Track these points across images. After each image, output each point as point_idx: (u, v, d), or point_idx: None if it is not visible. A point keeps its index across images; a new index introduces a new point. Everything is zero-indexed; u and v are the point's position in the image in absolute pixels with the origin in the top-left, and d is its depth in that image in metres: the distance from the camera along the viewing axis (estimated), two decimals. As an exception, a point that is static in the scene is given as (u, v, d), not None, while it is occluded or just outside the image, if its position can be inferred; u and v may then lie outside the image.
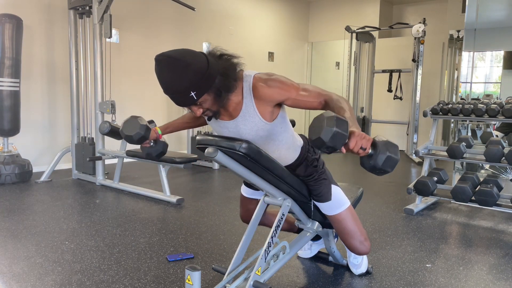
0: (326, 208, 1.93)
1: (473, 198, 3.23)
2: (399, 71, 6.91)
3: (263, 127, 1.62)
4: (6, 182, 4.20)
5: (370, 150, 1.30)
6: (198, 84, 1.42)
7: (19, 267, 2.25)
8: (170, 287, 2.04)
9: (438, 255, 2.53)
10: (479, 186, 3.28)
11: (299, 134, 1.90)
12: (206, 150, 1.54)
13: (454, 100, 6.39)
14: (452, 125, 6.10)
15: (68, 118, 4.88)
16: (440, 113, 3.74)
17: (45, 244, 2.60)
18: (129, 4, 5.58)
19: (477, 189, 3.26)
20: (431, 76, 7.11)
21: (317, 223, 2.07)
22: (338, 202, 1.93)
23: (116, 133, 4.15)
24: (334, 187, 1.93)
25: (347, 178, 5.03)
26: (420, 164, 5.74)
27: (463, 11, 5.47)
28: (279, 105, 1.62)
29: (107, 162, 4.72)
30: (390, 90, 6.96)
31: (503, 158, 3.17)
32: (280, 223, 1.81)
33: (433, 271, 2.28)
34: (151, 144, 1.89)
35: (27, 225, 2.97)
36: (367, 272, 2.21)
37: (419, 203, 3.56)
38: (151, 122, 4.38)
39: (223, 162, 1.56)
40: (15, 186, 4.16)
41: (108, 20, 4.01)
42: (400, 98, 6.93)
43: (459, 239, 2.91)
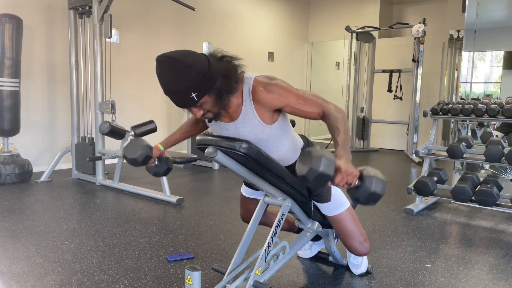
0: (326, 208, 1.93)
1: (473, 198, 3.23)
2: (399, 71, 6.91)
3: (263, 130, 1.62)
4: (6, 182, 4.20)
5: (357, 182, 1.39)
6: (199, 85, 1.41)
7: (19, 267, 2.25)
8: (170, 287, 2.04)
9: (438, 255, 2.53)
10: (479, 186, 3.28)
11: (299, 135, 1.90)
12: (206, 150, 1.54)
13: (454, 100, 6.39)
14: (452, 125, 6.10)
15: (68, 118, 4.88)
16: (440, 113, 3.74)
17: (45, 244, 2.60)
18: (129, 4, 5.58)
19: (477, 189, 3.26)
20: (431, 76, 7.11)
21: (317, 223, 2.07)
22: (338, 202, 1.93)
23: (116, 133, 4.17)
24: (334, 188, 1.93)
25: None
26: (420, 164, 5.74)
27: (463, 11, 5.47)
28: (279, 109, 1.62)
29: (107, 162, 4.73)
30: (390, 90, 6.96)
31: (503, 158, 3.17)
32: (280, 223, 1.81)
33: (433, 271, 2.28)
34: (156, 162, 1.86)
35: (27, 225, 2.97)
36: (367, 272, 2.21)
37: (419, 203, 3.56)
38: (151, 122, 4.39)
39: (223, 162, 1.56)
40: (15, 186, 4.16)
41: (108, 20, 4.01)
42: (400, 98, 6.93)
43: (459, 239, 2.91)
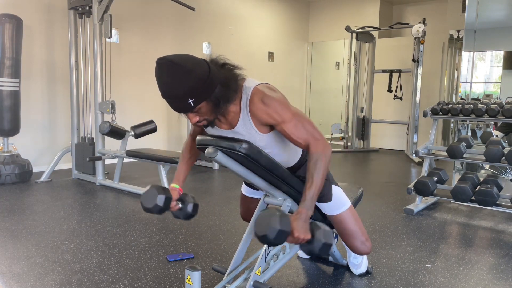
0: (327, 208, 1.93)
1: (473, 198, 3.22)
2: (399, 71, 6.91)
3: (261, 139, 1.61)
4: (6, 182, 4.20)
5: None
6: (197, 91, 1.40)
7: (19, 267, 2.25)
8: (170, 287, 2.04)
9: (438, 255, 2.53)
10: (479, 186, 3.28)
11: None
12: (206, 150, 1.54)
13: (454, 100, 6.39)
14: (452, 125, 6.10)
15: (68, 118, 4.88)
16: (440, 113, 3.74)
17: (45, 244, 2.60)
18: (129, 4, 5.58)
19: (477, 189, 3.26)
20: (431, 76, 7.11)
21: (317, 223, 2.07)
22: (339, 202, 1.93)
23: (116, 133, 4.17)
24: (335, 188, 1.93)
25: (347, 178, 5.03)
26: (420, 164, 5.74)
27: (463, 11, 5.47)
28: None
29: (107, 162, 4.72)
30: (390, 90, 6.96)
31: (503, 158, 3.17)
32: (280, 223, 1.81)
33: (433, 271, 2.28)
34: (179, 205, 1.73)
35: (27, 225, 2.97)
36: (367, 272, 2.21)
37: (419, 203, 3.56)
38: (151, 122, 4.39)
39: (223, 162, 1.56)
40: (15, 186, 4.16)
41: (108, 20, 4.01)
42: (400, 98, 6.93)
43: (459, 239, 2.91)
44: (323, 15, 8.67)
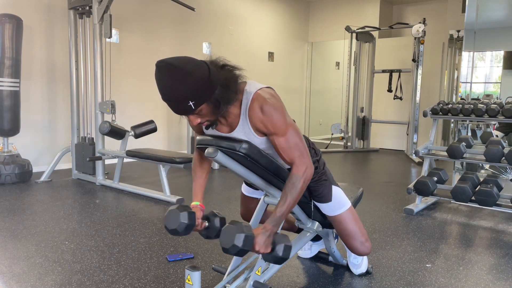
0: (327, 208, 1.93)
1: (473, 198, 3.23)
2: (399, 71, 6.91)
3: (260, 142, 1.61)
4: (6, 182, 4.20)
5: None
6: (198, 94, 1.39)
7: (19, 267, 2.25)
8: (170, 287, 2.04)
9: (438, 255, 2.53)
10: (479, 186, 3.28)
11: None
12: (206, 150, 1.54)
13: (454, 100, 6.39)
14: (452, 125, 6.10)
15: (68, 118, 4.88)
16: (440, 113, 3.74)
17: (45, 244, 2.60)
18: (129, 4, 5.58)
19: (477, 189, 3.26)
20: (431, 76, 7.11)
21: (317, 223, 2.07)
22: (339, 203, 1.93)
23: (116, 133, 4.17)
24: (334, 188, 1.93)
25: (347, 178, 5.03)
26: (420, 164, 5.74)
27: (463, 11, 5.47)
28: None
29: (107, 162, 4.72)
30: (390, 90, 6.96)
31: (503, 158, 3.17)
32: (280, 223, 1.81)
33: (433, 271, 2.28)
34: (206, 223, 1.70)
35: (27, 225, 2.97)
36: (367, 272, 2.21)
37: (419, 203, 3.56)
38: (151, 122, 4.39)
39: (223, 162, 1.56)
40: (15, 186, 4.16)
41: (108, 20, 4.01)
42: (400, 98, 6.93)
43: (459, 239, 2.91)
44: (323, 15, 8.67)
